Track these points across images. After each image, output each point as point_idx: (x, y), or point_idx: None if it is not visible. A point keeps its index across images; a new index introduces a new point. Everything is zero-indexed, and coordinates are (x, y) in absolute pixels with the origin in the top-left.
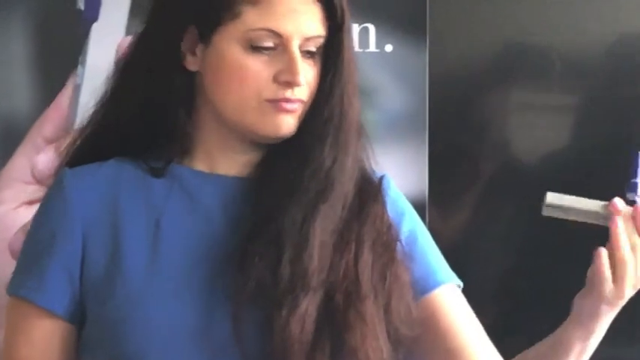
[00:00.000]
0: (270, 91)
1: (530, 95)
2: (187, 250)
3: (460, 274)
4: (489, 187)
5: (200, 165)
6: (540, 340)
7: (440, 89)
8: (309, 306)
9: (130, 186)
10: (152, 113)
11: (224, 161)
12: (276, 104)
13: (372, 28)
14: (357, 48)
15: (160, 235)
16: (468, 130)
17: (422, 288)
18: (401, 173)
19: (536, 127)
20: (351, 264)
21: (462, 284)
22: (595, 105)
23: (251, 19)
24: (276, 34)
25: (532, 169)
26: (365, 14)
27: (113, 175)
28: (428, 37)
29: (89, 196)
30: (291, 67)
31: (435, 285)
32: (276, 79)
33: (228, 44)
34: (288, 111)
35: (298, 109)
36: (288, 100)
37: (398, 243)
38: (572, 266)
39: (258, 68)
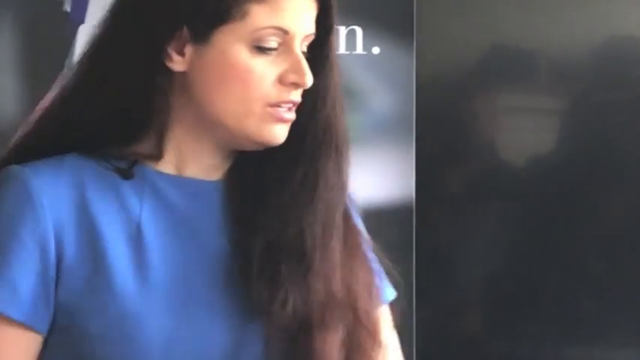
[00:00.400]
0: (274, 94)
1: (517, 98)
2: (174, 262)
3: (446, 275)
4: (476, 190)
5: (166, 167)
6: (527, 343)
7: (427, 92)
8: (336, 327)
9: (97, 186)
10: (121, 110)
11: (194, 164)
12: (277, 114)
13: (359, 30)
14: (344, 50)
15: (143, 244)
16: (454, 133)
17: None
18: (388, 175)
19: (522, 129)
20: (365, 300)
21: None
22: (581, 108)
23: (260, 17)
24: (284, 32)
25: (519, 171)
26: (352, 16)
27: (77, 173)
28: (415, 39)
29: (57, 197)
30: (298, 67)
31: (384, 302)
32: (281, 81)
33: (232, 44)
34: (286, 121)
35: (294, 116)
36: (292, 103)
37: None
38: (560, 267)
39: (263, 70)
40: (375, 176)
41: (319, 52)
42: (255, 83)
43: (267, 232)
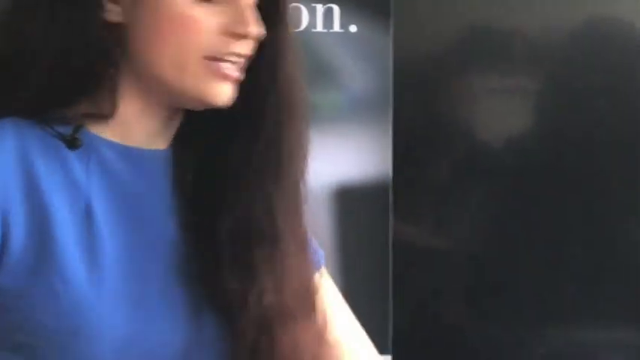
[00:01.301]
0: (215, 45)
1: (495, 79)
2: (126, 247)
3: (423, 256)
4: (453, 170)
5: (111, 134)
6: (506, 326)
7: (404, 70)
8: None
9: (42, 157)
10: (62, 69)
11: (139, 130)
12: (218, 69)
13: (336, 8)
14: (321, 28)
15: (93, 226)
16: (432, 111)
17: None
18: (364, 155)
19: (500, 111)
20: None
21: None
22: (560, 89)
23: None
24: None
25: (496, 152)
26: None
27: (19, 140)
28: (392, 18)
29: (2, 168)
30: (243, 16)
31: (318, 266)
32: (224, 32)
33: None
34: (229, 78)
35: (241, 75)
36: (236, 56)
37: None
38: (540, 249)
39: (204, 19)
40: (352, 155)
41: (272, 5)
42: (193, 33)
43: (232, 213)
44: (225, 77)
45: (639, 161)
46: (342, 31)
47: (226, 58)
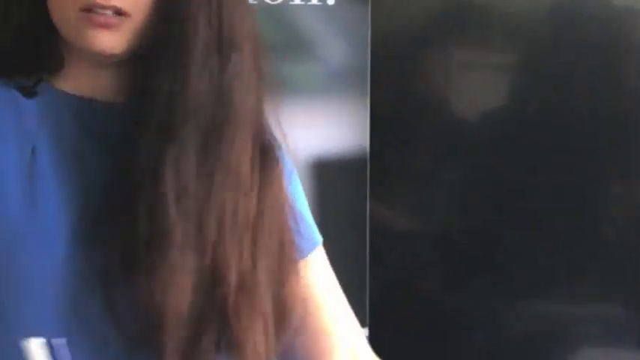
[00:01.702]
0: None
1: (473, 53)
2: (65, 191)
3: (400, 229)
4: (431, 143)
5: (65, 85)
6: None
7: (382, 43)
8: (178, 270)
9: (1, 107)
10: (17, 26)
11: (91, 82)
12: (90, 18)
13: None
14: (299, 1)
15: (36, 166)
16: (410, 84)
17: (301, 250)
18: (342, 127)
19: (478, 85)
20: (247, 244)
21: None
22: (536, 64)
23: None
24: None
25: (473, 126)
26: None
27: None
28: None
29: None
30: None
31: (313, 246)
32: None
33: None
34: (101, 25)
35: (119, 23)
36: (101, 7)
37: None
38: (515, 223)
39: None
40: (330, 127)
41: None
42: None
43: (130, 172)
44: (98, 25)
45: (615, 135)
46: (320, 3)
47: (94, 9)
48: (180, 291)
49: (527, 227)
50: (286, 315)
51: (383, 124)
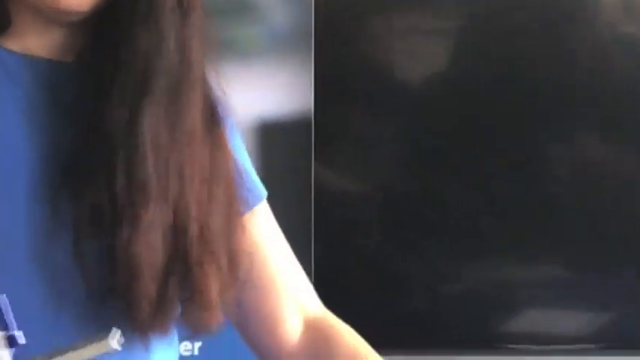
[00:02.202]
0: None
1: (417, 17)
2: (19, 152)
3: (345, 191)
4: (375, 106)
5: (11, 44)
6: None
7: (326, 6)
8: (153, 223)
9: None
10: None
11: (41, 41)
12: None
13: None
14: None
15: None
16: (353, 47)
17: (247, 203)
18: (286, 89)
19: (422, 50)
20: (204, 197)
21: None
22: (480, 29)
23: None
24: None
25: (416, 90)
26: None
27: None
28: None
29: None
30: None
31: (258, 200)
32: None
33: None
34: None
35: None
36: None
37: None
38: (459, 185)
39: None
40: (274, 90)
41: None
42: None
43: (104, 128)
44: None
45: (558, 96)
46: None
47: None
48: (154, 242)
49: (470, 188)
50: (235, 267)
51: (327, 85)
